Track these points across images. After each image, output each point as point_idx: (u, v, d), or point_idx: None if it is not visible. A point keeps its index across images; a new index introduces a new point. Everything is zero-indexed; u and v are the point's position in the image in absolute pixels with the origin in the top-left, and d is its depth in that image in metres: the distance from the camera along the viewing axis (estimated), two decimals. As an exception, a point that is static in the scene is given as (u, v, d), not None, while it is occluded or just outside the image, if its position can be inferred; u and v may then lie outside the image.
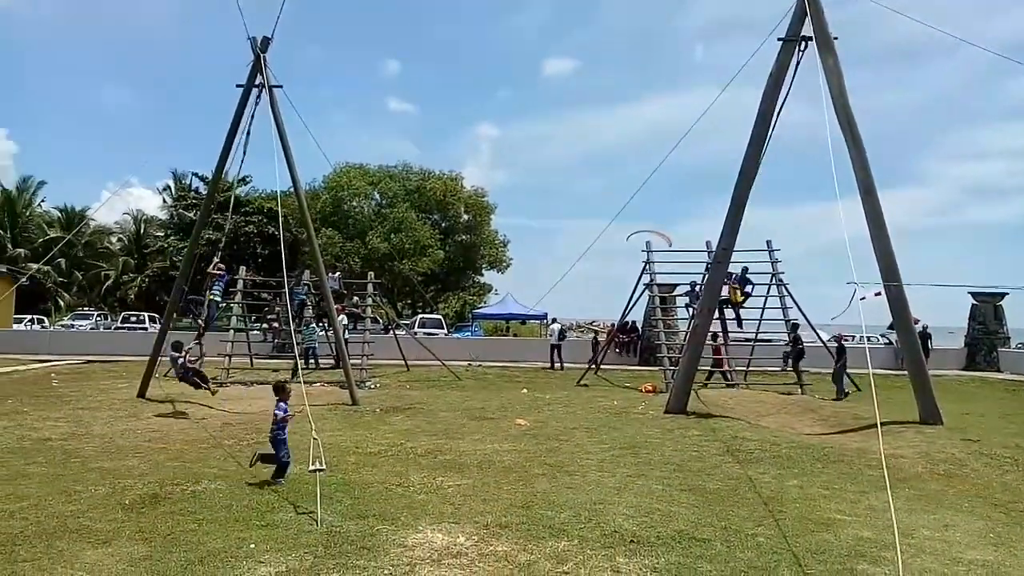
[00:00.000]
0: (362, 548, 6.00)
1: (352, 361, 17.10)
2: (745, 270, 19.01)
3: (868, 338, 15.58)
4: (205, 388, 13.53)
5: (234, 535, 6.27)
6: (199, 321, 15.00)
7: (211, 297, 14.95)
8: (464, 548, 6.06)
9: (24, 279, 34.76)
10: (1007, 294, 27.84)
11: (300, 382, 10.86)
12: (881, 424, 8.85)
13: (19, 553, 5.75)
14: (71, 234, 39.19)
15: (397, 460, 9.56)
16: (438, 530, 6.52)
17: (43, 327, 38.10)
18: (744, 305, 19.78)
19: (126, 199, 67.89)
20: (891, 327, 18.75)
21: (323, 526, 6.51)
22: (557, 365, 24.50)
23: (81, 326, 37.70)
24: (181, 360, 13.16)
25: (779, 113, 13.86)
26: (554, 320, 29.21)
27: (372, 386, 18.07)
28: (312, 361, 21.13)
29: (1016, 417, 14.83)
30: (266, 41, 14.82)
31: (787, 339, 19.28)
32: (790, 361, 18.85)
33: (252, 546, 5.98)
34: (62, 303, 50.02)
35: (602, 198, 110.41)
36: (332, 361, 21.13)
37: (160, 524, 6.55)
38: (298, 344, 14.76)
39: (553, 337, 25.96)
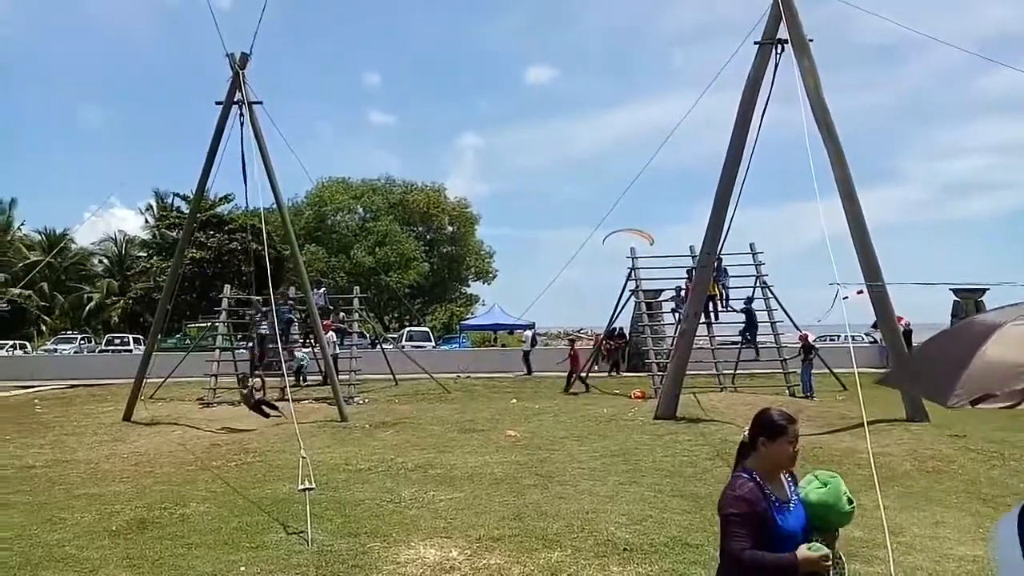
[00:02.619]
0: (354, 567, 5.95)
1: (340, 377, 17.00)
2: (720, 260, 18.95)
3: (852, 337, 15.69)
4: (276, 414, 13.88)
5: (224, 558, 6.20)
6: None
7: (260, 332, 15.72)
8: (457, 563, 6.02)
9: (2, 303, 34.34)
10: (988, 290, 28.13)
11: (289, 400, 10.80)
12: (868, 423, 8.91)
13: (4, 585, 5.66)
14: (49, 256, 38.69)
15: (387, 476, 9.50)
16: (430, 545, 6.48)
17: (25, 352, 37.61)
18: (728, 299, 19.95)
19: (108, 220, 67.40)
20: (875, 326, 18.91)
21: (314, 546, 6.46)
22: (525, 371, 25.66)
23: (64, 350, 37.21)
24: (247, 391, 14.01)
25: (763, 116, 13.99)
26: (529, 327, 31.17)
27: (360, 401, 17.97)
28: (302, 378, 21.03)
29: (1000, 411, 14.94)
30: (244, 57, 14.77)
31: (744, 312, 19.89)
32: (747, 335, 19.39)
33: (242, 568, 5.92)
34: (44, 327, 49.43)
35: (587, 205, 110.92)
36: (319, 378, 21.02)
37: (148, 550, 6.47)
38: (287, 362, 14.74)
39: (527, 344, 27.34)
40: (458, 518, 7.38)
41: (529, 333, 29.16)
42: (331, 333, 19.77)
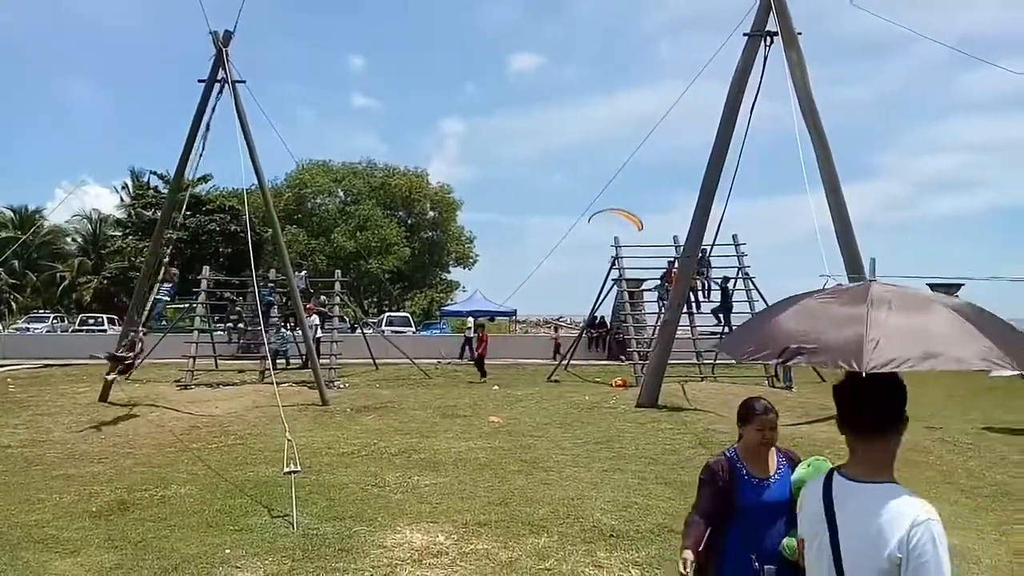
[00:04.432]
0: (340, 550, 5.92)
1: (321, 361, 16.88)
2: (704, 252, 19.05)
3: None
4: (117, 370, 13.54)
5: (208, 540, 6.14)
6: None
7: (157, 296, 15.05)
8: (444, 547, 6.01)
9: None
10: (963, 285, 28.56)
11: (273, 383, 10.71)
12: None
13: (-18, 566, 5.56)
14: (26, 236, 37.86)
15: (371, 460, 9.46)
16: (416, 530, 6.46)
17: (-5, 331, 36.89)
18: (710, 290, 20.14)
19: (82, 198, 65.99)
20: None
21: (299, 529, 6.42)
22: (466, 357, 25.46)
23: (36, 329, 36.54)
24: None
25: (752, 109, 14.02)
26: (471, 315, 31.63)
27: (341, 386, 17.86)
28: (283, 361, 20.87)
29: (974, 403, 15.25)
30: (228, 35, 14.48)
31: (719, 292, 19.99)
32: (721, 316, 19.50)
33: (227, 551, 5.87)
34: (15, 305, 48.54)
35: (570, 194, 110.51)
36: (299, 361, 20.87)
37: (130, 531, 6.39)
38: (268, 343, 14.63)
39: (470, 331, 27.29)
40: (443, 503, 7.37)
41: (471, 320, 29.40)
42: (314, 317, 19.62)
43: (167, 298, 17.54)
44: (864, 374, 1.85)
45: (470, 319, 30.26)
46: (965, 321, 2.00)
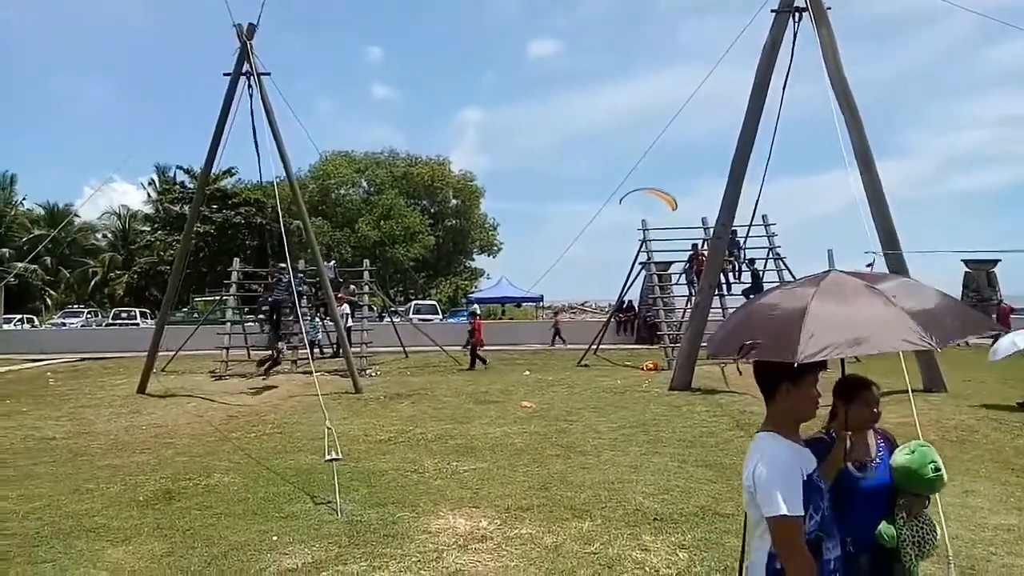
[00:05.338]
0: (386, 536, 5.95)
1: (352, 349, 16.99)
2: (734, 233, 18.87)
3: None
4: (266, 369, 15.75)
5: (255, 528, 6.20)
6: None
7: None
8: (488, 532, 6.01)
9: (10, 277, 34.30)
10: (999, 260, 27.99)
11: (312, 372, 10.81)
12: (887, 393, 8.86)
13: (39, 554, 5.66)
14: (55, 231, 38.55)
15: (408, 446, 9.50)
16: (459, 515, 6.47)
17: (33, 326, 37.68)
18: (740, 271, 20.02)
19: (109, 195, 67.18)
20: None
21: (343, 516, 6.45)
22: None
23: (72, 324, 37.28)
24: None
25: (784, 86, 13.80)
26: (473, 303, 31.67)
27: (373, 374, 17.98)
28: (316, 350, 21.04)
29: (1016, 383, 14.87)
30: (252, 28, 14.52)
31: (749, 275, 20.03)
32: (751, 296, 19.29)
33: (275, 538, 5.92)
34: (50, 301, 49.52)
35: (593, 179, 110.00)
36: (330, 350, 21.03)
37: (178, 520, 6.47)
38: (305, 333, 14.91)
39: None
40: (484, 488, 7.37)
41: (476, 307, 29.25)
42: (344, 306, 19.74)
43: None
44: (796, 364, 2.19)
45: (475, 306, 30.14)
46: (897, 306, 2.29)
